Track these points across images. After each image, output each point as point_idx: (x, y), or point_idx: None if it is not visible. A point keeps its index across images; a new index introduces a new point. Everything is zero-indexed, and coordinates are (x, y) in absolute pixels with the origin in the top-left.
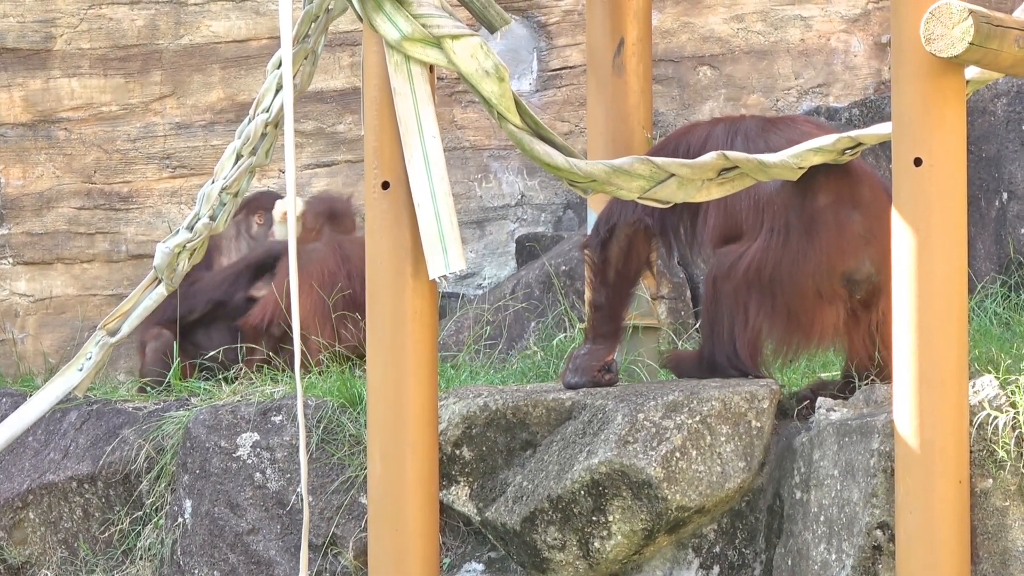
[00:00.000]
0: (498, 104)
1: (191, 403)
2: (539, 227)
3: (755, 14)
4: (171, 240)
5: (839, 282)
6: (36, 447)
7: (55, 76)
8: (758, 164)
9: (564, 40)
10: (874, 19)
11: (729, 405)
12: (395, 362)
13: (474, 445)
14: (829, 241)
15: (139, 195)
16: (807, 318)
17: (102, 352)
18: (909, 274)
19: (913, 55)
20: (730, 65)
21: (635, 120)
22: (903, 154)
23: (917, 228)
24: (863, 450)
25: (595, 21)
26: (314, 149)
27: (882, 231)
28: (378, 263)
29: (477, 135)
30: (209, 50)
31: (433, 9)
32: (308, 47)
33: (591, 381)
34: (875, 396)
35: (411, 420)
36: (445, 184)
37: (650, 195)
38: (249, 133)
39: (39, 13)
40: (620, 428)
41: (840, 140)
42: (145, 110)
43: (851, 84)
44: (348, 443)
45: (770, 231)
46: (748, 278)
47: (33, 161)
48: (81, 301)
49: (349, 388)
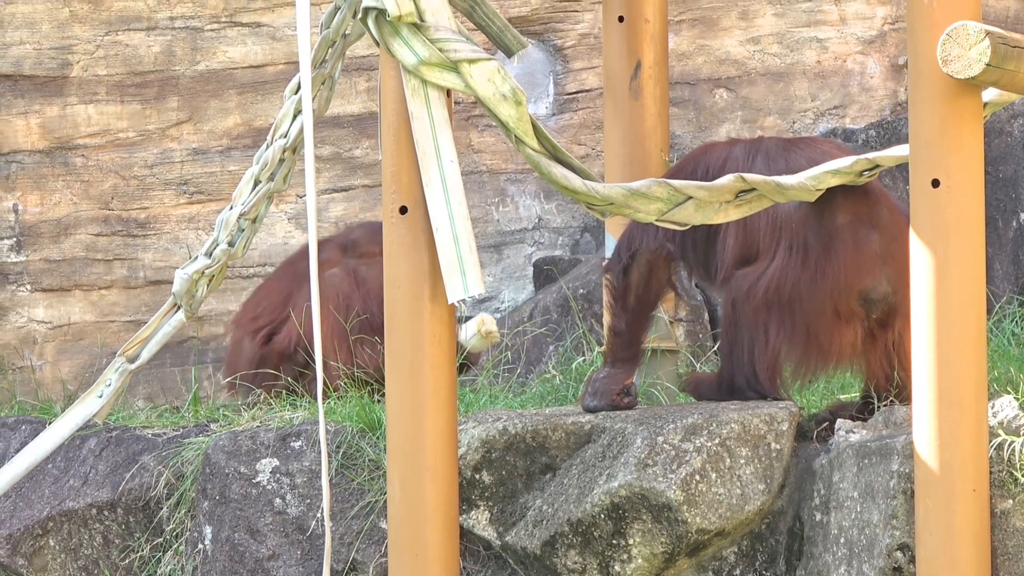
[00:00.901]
0: (516, 128)
1: (210, 429)
2: (556, 250)
3: (771, 36)
4: (190, 266)
5: (856, 301)
6: (56, 474)
7: (72, 103)
8: (776, 186)
9: (580, 63)
10: (890, 40)
11: (748, 427)
12: (414, 387)
13: (494, 469)
14: (847, 259)
15: (156, 221)
16: (825, 338)
17: (121, 379)
18: (927, 295)
19: (930, 76)
20: (746, 87)
21: (652, 143)
22: (920, 175)
23: (935, 249)
24: (883, 472)
25: (611, 44)
26: (331, 174)
27: (899, 251)
28: (396, 287)
29: (494, 159)
30: (226, 76)
31: (450, 34)
32: (325, 72)
33: (610, 404)
34: (894, 417)
35: (430, 445)
36: (463, 208)
37: (668, 217)
38: (267, 159)
39: (56, 40)
40: (640, 451)
41: (858, 162)
42: (162, 136)
43: (867, 106)
44: (368, 468)
45: (788, 250)
46: (768, 299)
47: (50, 188)
48: (99, 328)
49: (368, 413)
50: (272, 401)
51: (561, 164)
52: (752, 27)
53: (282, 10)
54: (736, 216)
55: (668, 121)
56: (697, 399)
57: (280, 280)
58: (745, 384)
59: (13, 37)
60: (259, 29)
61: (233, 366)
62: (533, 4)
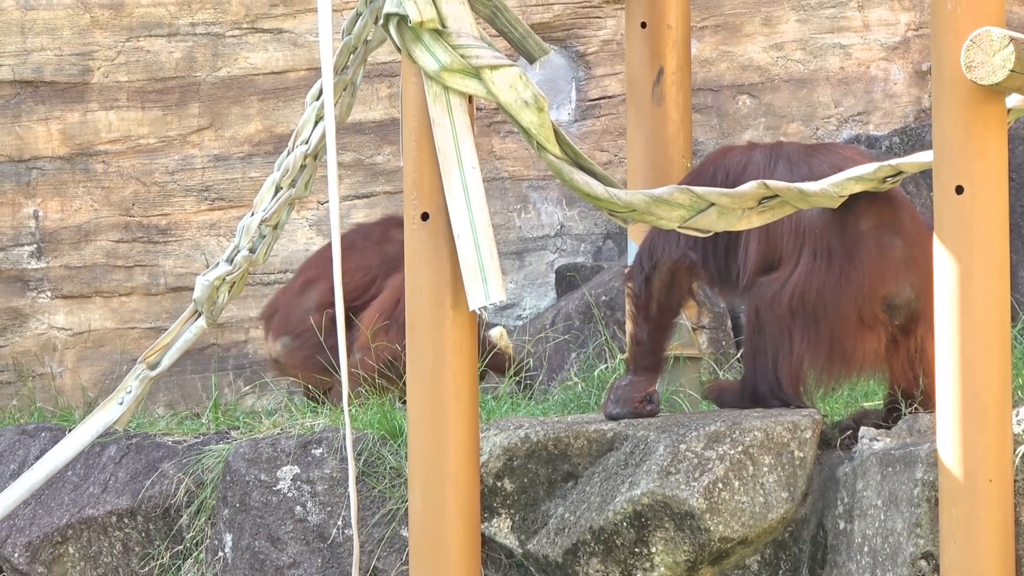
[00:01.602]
0: (537, 134)
1: (231, 436)
2: (579, 257)
3: (794, 42)
4: (211, 273)
5: (880, 307)
6: (75, 481)
7: (92, 109)
8: (799, 193)
9: (603, 70)
10: (914, 47)
11: (772, 435)
12: (435, 394)
13: (515, 477)
14: (871, 265)
15: (177, 228)
16: (849, 345)
17: (142, 386)
18: (951, 303)
19: (954, 83)
20: (769, 94)
21: (675, 149)
22: (944, 182)
23: (959, 256)
24: (907, 480)
25: (634, 51)
26: (352, 180)
27: (922, 257)
28: (418, 294)
29: (516, 165)
30: (247, 82)
31: (472, 40)
32: (347, 78)
33: (632, 412)
34: (918, 425)
35: (452, 452)
36: (485, 215)
37: (690, 224)
38: (288, 165)
39: (76, 46)
40: (662, 459)
41: (881, 168)
42: (183, 142)
43: (891, 112)
44: (389, 476)
45: (812, 256)
46: (792, 306)
47: (71, 194)
48: (120, 334)
49: (389, 420)
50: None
51: (583, 171)
52: (775, 33)
53: (304, 16)
54: (759, 223)
55: (691, 127)
56: (720, 407)
57: (371, 257)
58: (768, 392)
59: (34, 43)
60: (280, 35)
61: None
62: (555, 10)
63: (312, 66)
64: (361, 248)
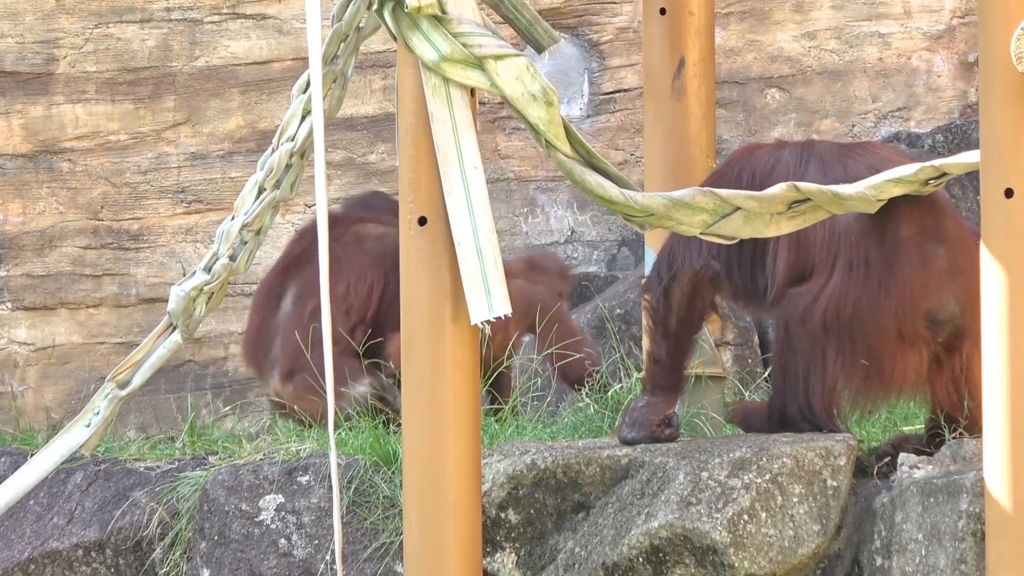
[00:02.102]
0: (546, 131)
1: (208, 462)
2: (591, 266)
3: (828, 31)
4: (187, 283)
5: (922, 322)
6: (38, 511)
7: (58, 102)
8: (832, 196)
9: (618, 60)
10: (959, 36)
11: (802, 462)
12: (433, 416)
13: (521, 508)
14: (912, 277)
15: (151, 233)
16: (888, 363)
17: (111, 406)
18: (1000, 316)
19: (1003, 75)
20: (801, 87)
21: (696, 148)
22: (992, 184)
23: (1008, 265)
24: (950, 511)
25: (652, 39)
26: (343, 181)
27: (968, 267)
28: (415, 307)
29: (522, 165)
30: (227, 73)
31: (475, 27)
32: (337, 69)
33: (650, 436)
34: (963, 452)
35: (451, 480)
36: (488, 219)
37: (713, 230)
38: (272, 164)
39: (40, 33)
40: (682, 488)
41: (923, 170)
42: (157, 139)
43: (934, 107)
44: (382, 506)
45: (848, 267)
46: (825, 321)
47: (34, 196)
48: (87, 350)
49: (383, 445)
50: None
51: (596, 171)
52: (807, 21)
53: (290, 1)
54: (789, 229)
55: (714, 124)
56: (745, 431)
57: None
58: (799, 415)
59: None
60: (264, 21)
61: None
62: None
63: (298, 56)
64: (341, 257)
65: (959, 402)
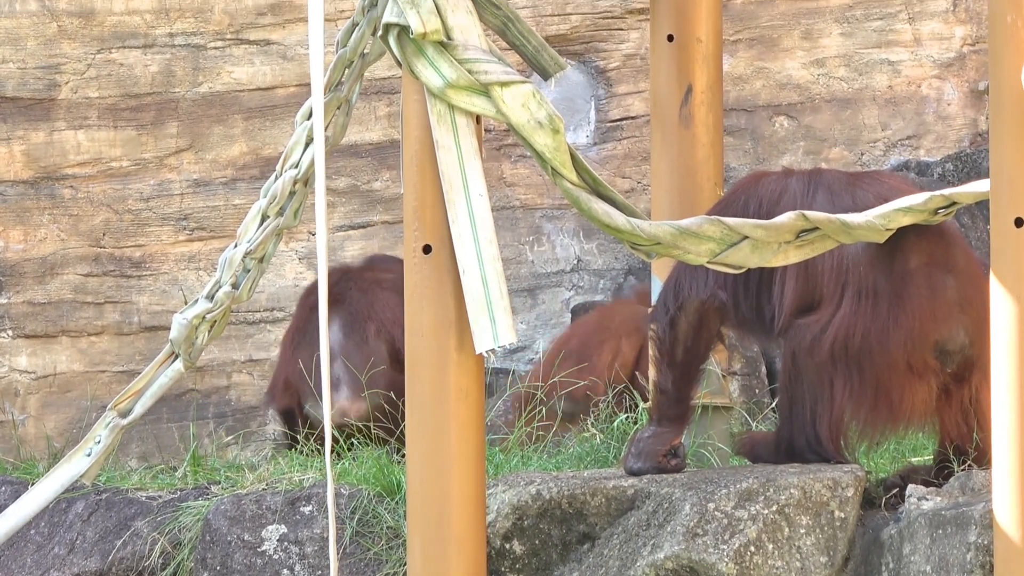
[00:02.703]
0: (552, 158)
1: (211, 491)
2: (597, 295)
3: (837, 58)
4: (189, 311)
5: (931, 353)
6: (39, 541)
7: (60, 128)
8: (841, 225)
9: (625, 87)
10: (970, 63)
11: (810, 493)
12: (438, 446)
13: (526, 538)
14: (921, 307)
15: (153, 260)
16: (897, 395)
17: (112, 435)
18: (1009, 346)
19: (1013, 104)
20: (810, 115)
21: (704, 176)
22: (1002, 213)
23: (1018, 295)
24: (959, 543)
25: (660, 66)
26: (347, 209)
27: (977, 298)
28: (419, 336)
29: (528, 193)
30: (231, 99)
31: (481, 53)
32: (341, 96)
33: (656, 467)
34: (972, 483)
35: (455, 510)
36: (493, 248)
37: (720, 259)
38: (276, 191)
39: (42, 59)
40: (688, 519)
41: (932, 199)
42: (160, 166)
43: (944, 136)
44: (386, 536)
45: (856, 296)
46: (834, 352)
47: (35, 223)
48: (88, 378)
49: (386, 475)
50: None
51: (603, 199)
52: (817, 48)
53: (294, 26)
54: (797, 258)
55: (722, 152)
56: (752, 461)
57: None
58: (806, 446)
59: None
60: (268, 47)
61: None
62: (573, 21)
63: (303, 82)
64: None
65: (968, 433)
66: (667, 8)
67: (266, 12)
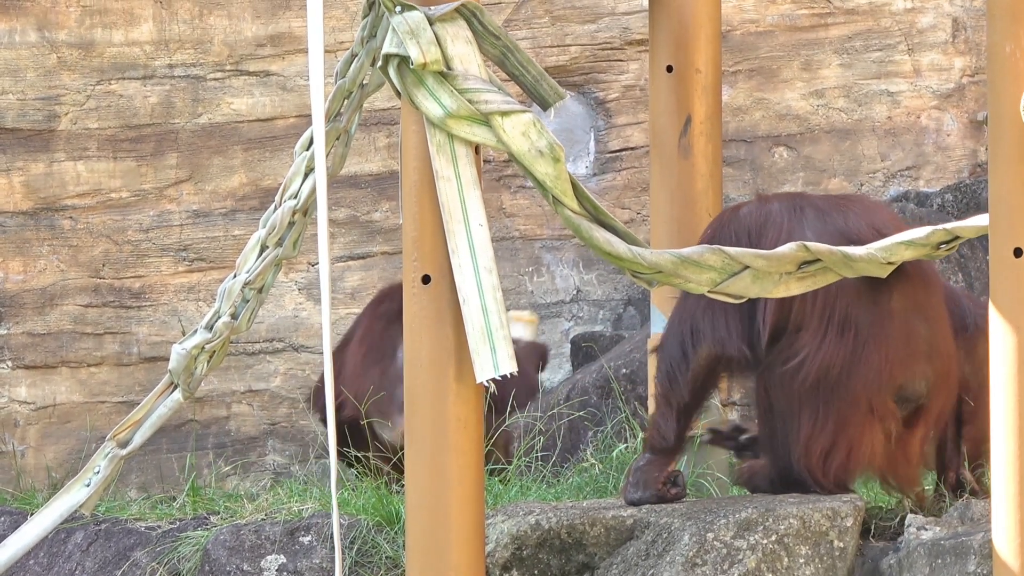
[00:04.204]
0: (553, 187)
1: (210, 522)
2: (597, 326)
3: (837, 89)
4: (188, 341)
5: (892, 397)
6: (38, 572)
7: (59, 159)
8: (842, 257)
9: (624, 118)
10: (969, 94)
11: (809, 523)
12: (437, 476)
13: (525, 568)
14: (896, 350)
15: (152, 291)
16: (855, 433)
17: (111, 466)
18: (1007, 376)
19: (1012, 134)
20: (809, 146)
21: (703, 206)
22: (1001, 244)
23: (1017, 325)
24: (958, 573)
25: (659, 97)
26: (347, 240)
27: (944, 350)
28: (418, 365)
29: (528, 224)
30: (230, 130)
31: (481, 83)
32: (340, 126)
33: (656, 495)
34: (971, 513)
35: (455, 541)
36: (494, 277)
37: (721, 288)
38: (275, 222)
39: (42, 90)
40: (687, 549)
41: (935, 233)
42: (159, 196)
43: (944, 167)
44: (384, 566)
45: (839, 331)
46: (804, 388)
47: (35, 254)
48: (88, 409)
49: (385, 505)
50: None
51: (604, 227)
52: (816, 79)
53: (293, 57)
54: (799, 290)
55: (721, 182)
56: (751, 491)
57: None
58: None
59: None
60: (268, 79)
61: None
62: (572, 52)
63: (302, 113)
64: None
65: (915, 475)
66: (666, 39)
67: (265, 43)
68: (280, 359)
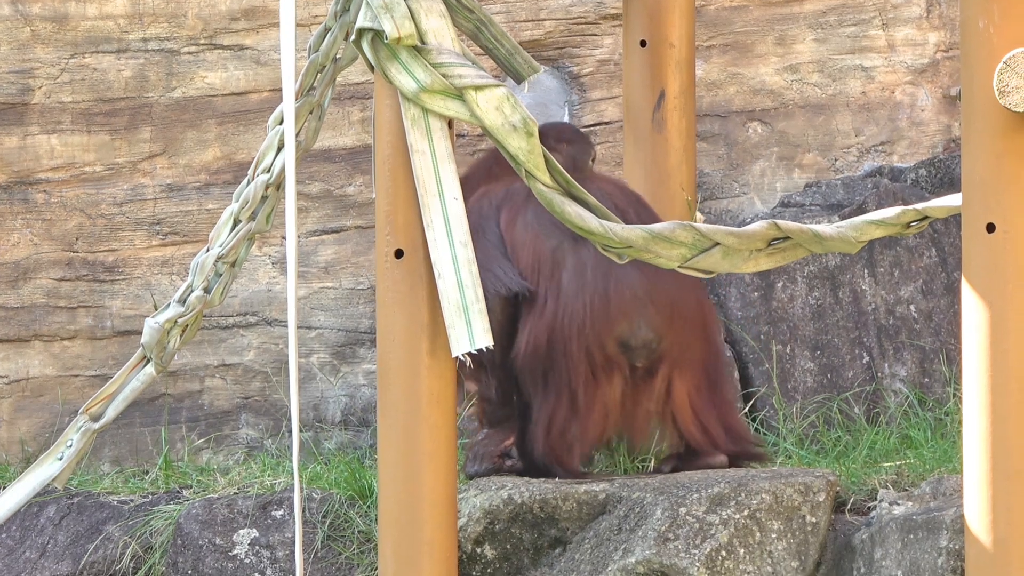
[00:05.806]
0: (526, 161)
1: (182, 496)
2: None
3: (811, 64)
4: (161, 315)
5: (614, 349)
6: (10, 545)
7: (33, 132)
8: (813, 236)
9: (599, 93)
10: (943, 69)
11: (781, 498)
12: (409, 450)
13: (497, 543)
14: (603, 300)
15: (126, 265)
16: (585, 396)
17: (84, 439)
18: (980, 351)
19: (985, 109)
20: (783, 120)
21: (676, 181)
22: (974, 219)
23: (990, 301)
24: (930, 548)
25: (633, 72)
26: (320, 214)
27: (671, 291)
28: (391, 340)
29: None
30: (204, 104)
31: (454, 57)
32: (313, 100)
33: (492, 468)
34: (943, 488)
35: (427, 515)
36: (468, 251)
37: (692, 264)
38: (248, 196)
39: (15, 63)
40: (660, 523)
41: (905, 213)
42: (133, 170)
43: (918, 142)
44: (357, 540)
45: (554, 292)
46: (530, 357)
47: (8, 227)
48: (61, 382)
49: (358, 479)
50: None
51: (576, 201)
52: (790, 54)
53: (268, 31)
54: (768, 265)
55: (695, 157)
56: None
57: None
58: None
59: None
60: (242, 52)
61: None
62: (547, 27)
63: (277, 87)
64: None
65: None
66: (640, 13)
67: (240, 17)
68: (253, 333)
